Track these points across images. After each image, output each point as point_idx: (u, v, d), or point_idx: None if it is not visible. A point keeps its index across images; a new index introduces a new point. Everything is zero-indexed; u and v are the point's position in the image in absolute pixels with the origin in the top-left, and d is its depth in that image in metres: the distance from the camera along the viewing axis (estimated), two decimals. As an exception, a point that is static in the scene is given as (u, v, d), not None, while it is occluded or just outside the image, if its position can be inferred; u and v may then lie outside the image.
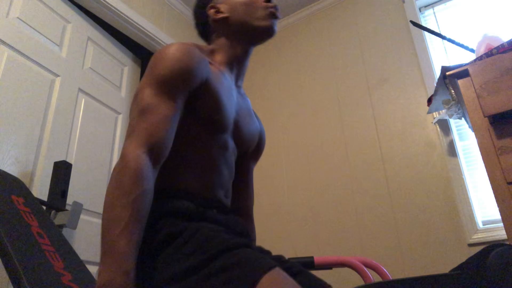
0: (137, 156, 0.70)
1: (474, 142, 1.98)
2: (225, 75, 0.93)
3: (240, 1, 0.96)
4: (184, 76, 0.79)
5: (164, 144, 0.74)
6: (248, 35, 0.96)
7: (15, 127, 1.62)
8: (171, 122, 0.77)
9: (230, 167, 0.92)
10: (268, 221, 2.43)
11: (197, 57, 0.83)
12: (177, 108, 0.79)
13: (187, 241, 0.70)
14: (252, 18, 0.95)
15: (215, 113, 0.84)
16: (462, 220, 1.85)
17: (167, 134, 0.75)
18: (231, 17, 0.96)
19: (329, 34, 2.71)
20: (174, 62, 0.79)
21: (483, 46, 1.46)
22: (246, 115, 0.99)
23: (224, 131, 0.88)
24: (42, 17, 1.87)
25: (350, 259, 1.33)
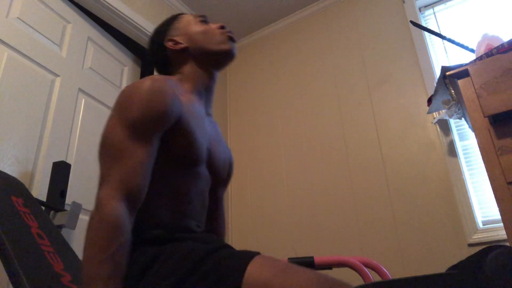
0: (113, 207, 0.68)
1: (474, 142, 1.98)
2: (195, 104, 0.92)
3: (196, 30, 0.99)
4: (157, 118, 0.77)
5: (140, 190, 0.73)
6: (210, 60, 0.98)
7: (15, 127, 1.62)
8: (147, 167, 0.75)
9: (203, 197, 0.91)
10: (268, 221, 2.43)
11: (170, 96, 0.81)
12: (152, 152, 0.77)
13: (166, 262, 0.69)
14: (211, 43, 0.98)
15: (188, 149, 0.84)
16: (462, 220, 1.85)
17: (143, 180, 0.74)
18: (190, 47, 0.98)
19: (329, 34, 2.70)
20: (146, 104, 0.77)
21: (483, 46, 1.46)
22: (218, 143, 1.00)
23: (198, 164, 0.87)
24: (42, 17, 1.87)
25: (350, 259, 1.33)
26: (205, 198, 0.93)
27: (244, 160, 2.74)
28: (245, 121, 2.88)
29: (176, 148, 0.82)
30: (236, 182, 2.71)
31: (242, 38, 3.17)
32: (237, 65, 3.13)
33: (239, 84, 3.04)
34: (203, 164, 0.90)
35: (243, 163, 2.74)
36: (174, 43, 0.99)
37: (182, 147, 0.83)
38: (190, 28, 1.00)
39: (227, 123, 2.95)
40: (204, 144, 0.89)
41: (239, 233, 2.52)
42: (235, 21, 2.98)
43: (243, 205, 2.59)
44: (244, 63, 3.10)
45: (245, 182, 2.67)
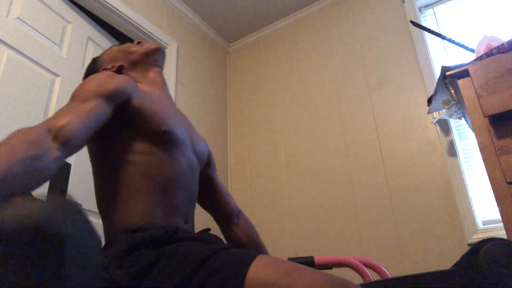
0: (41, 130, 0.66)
1: (474, 142, 1.98)
2: (159, 94, 0.98)
3: (122, 49, 1.09)
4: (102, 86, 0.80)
5: (72, 124, 0.70)
6: (147, 58, 1.08)
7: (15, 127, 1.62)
8: (85, 112, 0.74)
9: (189, 188, 0.91)
10: (268, 221, 2.43)
11: (122, 77, 0.86)
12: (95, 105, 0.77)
13: (167, 264, 0.68)
14: (140, 49, 1.09)
15: (160, 125, 0.86)
16: (462, 220, 1.85)
17: (78, 119, 0.72)
18: (125, 63, 1.07)
19: (329, 34, 2.70)
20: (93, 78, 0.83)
21: (483, 46, 1.46)
22: (194, 130, 1.05)
23: (178, 143, 0.88)
24: (42, 17, 1.87)
25: (350, 259, 1.33)
26: (192, 188, 0.93)
27: (244, 160, 2.74)
28: (245, 121, 2.88)
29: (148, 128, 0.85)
30: (236, 182, 2.72)
31: (242, 38, 3.17)
32: (237, 65, 3.13)
33: (239, 84, 3.04)
34: (185, 146, 0.92)
35: (243, 163, 2.74)
36: (108, 69, 1.06)
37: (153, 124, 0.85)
38: (114, 53, 1.09)
39: (227, 123, 2.95)
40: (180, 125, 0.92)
41: (239, 233, 2.52)
42: (235, 21, 2.98)
43: (243, 205, 2.59)
44: (244, 63, 3.10)
45: (245, 182, 2.67)
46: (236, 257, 0.66)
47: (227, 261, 0.65)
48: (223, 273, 0.63)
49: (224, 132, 2.88)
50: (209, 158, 1.11)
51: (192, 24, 2.86)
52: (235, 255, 0.67)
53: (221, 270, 0.64)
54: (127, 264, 0.70)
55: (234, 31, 3.09)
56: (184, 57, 2.67)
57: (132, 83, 0.88)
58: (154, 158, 0.84)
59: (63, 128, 0.68)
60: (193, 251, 0.69)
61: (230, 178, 2.75)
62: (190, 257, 0.67)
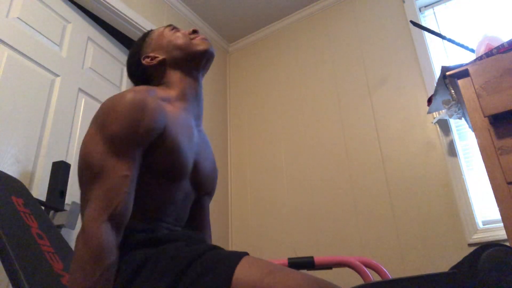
0: (98, 228, 0.66)
1: (474, 142, 1.98)
2: (183, 114, 0.90)
3: (170, 39, 1.00)
4: (139, 133, 0.75)
5: (126, 207, 0.71)
6: (190, 63, 0.98)
7: (15, 127, 1.62)
8: (130, 182, 0.72)
9: (178, 214, 0.89)
10: (268, 221, 2.43)
11: (152, 109, 0.78)
12: (134, 167, 0.74)
13: (153, 268, 0.68)
14: (187, 48, 0.98)
15: (173, 164, 0.81)
16: (462, 220, 1.85)
17: (128, 197, 0.71)
18: (167, 57, 0.99)
19: (329, 34, 2.70)
20: (127, 118, 0.74)
21: (483, 46, 1.46)
22: (205, 155, 0.97)
23: (181, 178, 0.85)
24: (42, 17, 1.87)
25: (350, 259, 1.33)
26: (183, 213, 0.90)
27: (244, 160, 2.74)
28: (245, 121, 2.88)
29: (160, 164, 0.80)
30: (236, 182, 2.71)
31: (242, 38, 3.17)
32: (237, 65, 3.13)
33: (239, 84, 3.04)
34: (185, 179, 0.88)
35: (243, 163, 2.74)
36: (150, 58, 0.99)
37: (167, 161, 0.80)
38: (163, 40, 1.01)
39: (227, 124, 2.95)
40: (190, 157, 0.87)
41: (239, 233, 2.52)
42: (235, 21, 2.98)
43: (243, 205, 2.59)
44: (244, 63, 3.10)
45: (245, 182, 2.67)
46: (223, 258, 0.67)
47: (213, 263, 0.66)
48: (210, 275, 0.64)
49: (224, 132, 2.88)
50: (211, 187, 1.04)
51: (192, 24, 2.86)
52: (221, 256, 0.67)
53: (208, 272, 0.64)
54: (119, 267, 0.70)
55: (234, 31, 3.09)
56: (184, 57, 2.66)
57: (163, 115, 0.81)
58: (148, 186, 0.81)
59: (122, 218, 0.71)
60: (177, 254, 0.69)
61: (230, 178, 2.75)
62: (175, 261, 0.68)
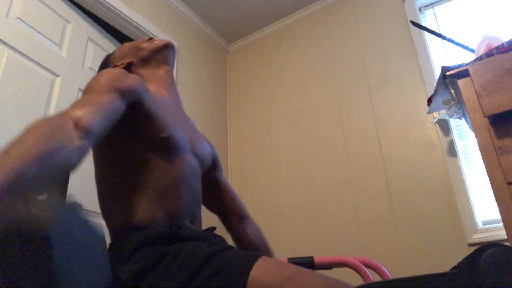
0: (56, 116, 0.64)
1: (474, 142, 1.98)
2: (165, 98, 0.98)
3: (132, 45, 1.08)
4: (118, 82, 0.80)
5: (92, 115, 0.69)
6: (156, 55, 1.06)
7: (15, 127, 1.62)
8: (103, 104, 0.74)
9: (194, 190, 0.91)
10: (268, 221, 2.43)
11: (133, 76, 0.86)
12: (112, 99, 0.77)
13: (171, 264, 0.68)
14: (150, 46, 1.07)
15: (161, 131, 0.85)
16: (462, 220, 1.85)
17: (97, 111, 0.71)
18: (134, 60, 1.06)
19: (329, 34, 2.70)
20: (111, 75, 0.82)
21: (483, 46, 1.46)
22: (196, 135, 1.03)
23: (178, 148, 0.88)
24: (42, 17, 1.87)
25: (350, 259, 1.33)
26: (197, 190, 0.92)
27: (244, 160, 2.74)
28: (245, 121, 2.88)
29: (149, 133, 0.84)
30: (236, 182, 2.72)
31: (242, 38, 3.17)
32: (237, 65, 3.13)
33: (239, 83, 3.04)
34: (185, 150, 0.91)
35: (243, 163, 2.74)
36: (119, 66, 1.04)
37: (155, 130, 0.85)
38: (124, 49, 1.08)
39: (227, 124, 2.95)
40: (181, 130, 0.91)
41: (239, 233, 2.52)
42: (235, 21, 2.98)
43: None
44: (244, 63, 3.10)
45: (245, 182, 2.67)
46: (238, 258, 0.66)
47: (229, 262, 0.65)
48: (225, 274, 0.63)
49: (224, 132, 2.88)
50: (214, 161, 1.11)
51: (192, 24, 2.86)
52: (237, 256, 0.67)
53: (223, 271, 0.64)
54: (131, 261, 0.71)
55: (234, 31, 3.09)
56: (184, 57, 2.67)
57: (143, 84, 0.88)
58: (154, 163, 0.84)
59: (83, 117, 0.68)
60: (196, 252, 0.69)
61: (230, 178, 2.75)
62: (192, 258, 0.67)
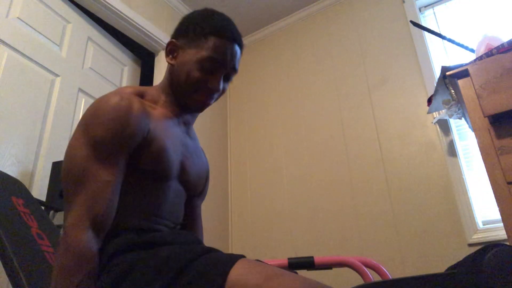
0: (79, 235, 0.66)
1: (474, 142, 1.98)
2: (168, 118, 0.87)
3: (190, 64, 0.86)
4: (123, 138, 0.74)
5: (107, 214, 0.70)
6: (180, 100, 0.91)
7: (15, 127, 1.62)
8: (113, 188, 0.72)
9: (174, 212, 0.87)
10: (268, 221, 2.43)
11: (136, 114, 0.77)
12: (118, 173, 0.73)
13: (145, 270, 0.67)
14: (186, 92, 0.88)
15: (158, 164, 0.80)
16: (462, 220, 1.85)
17: (110, 203, 0.71)
18: (175, 70, 0.89)
19: (329, 34, 2.70)
20: (112, 123, 0.73)
21: (483, 46, 1.46)
22: (192, 156, 0.94)
23: (168, 179, 0.84)
24: (42, 17, 1.87)
25: (350, 259, 1.33)
26: (178, 213, 0.89)
27: (244, 160, 2.74)
28: (245, 121, 2.88)
29: (144, 164, 0.78)
30: (236, 182, 2.71)
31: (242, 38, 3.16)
32: (237, 65, 3.13)
33: (239, 83, 3.04)
34: (174, 179, 0.86)
35: (243, 163, 2.74)
36: (170, 49, 0.91)
37: (150, 163, 0.79)
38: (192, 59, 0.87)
39: (227, 124, 2.95)
40: (175, 159, 0.85)
41: (239, 233, 2.52)
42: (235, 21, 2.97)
43: (243, 205, 2.59)
44: (243, 63, 3.10)
45: (245, 182, 2.67)
46: (216, 261, 0.66)
47: (207, 266, 0.65)
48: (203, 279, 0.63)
49: (224, 132, 2.88)
50: (202, 190, 1.03)
51: (192, 24, 2.85)
52: (214, 260, 0.66)
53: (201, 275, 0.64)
54: (105, 271, 0.70)
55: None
56: (184, 57, 2.66)
57: (146, 120, 0.79)
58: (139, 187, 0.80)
59: (103, 224, 0.70)
60: (170, 258, 0.68)
61: (230, 178, 2.75)
62: (169, 263, 0.67)
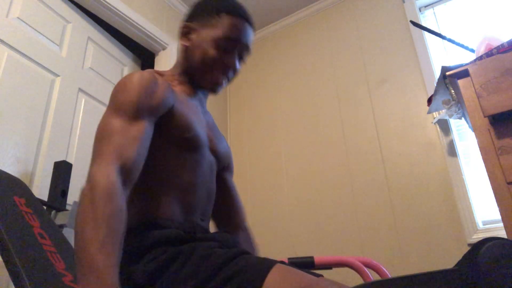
0: (107, 174, 0.66)
1: (474, 142, 1.98)
2: (189, 97, 0.93)
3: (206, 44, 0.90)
4: (149, 99, 0.78)
5: (134, 163, 0.71)
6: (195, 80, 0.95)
7: (15, 127, 1.62)
8: (141, 142, 0.73)
9: (209, 186, 0.90)
10: (268, 221, 2.44)
11: (161, 84, 0.83)
12: (145, 130, 0.75)
13: (184, 265, 0.68)
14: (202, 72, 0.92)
15: (186, 131, 0.84)
16: (462, 220, 1.86)
17: (137, 155, 0.71)
18: (190, 51, 0.93)
19: (329, 34, 2.71)
20: (138, 88, 0.77)
21: (483, 46, 1.47)
22: (216, 133, 1.00)
23: (200, 146, 0.87)
24: (42, 17, 1.87)
25: (350, 259, 1.33)
26: (211, 188, 0.92)
27: (244, 160, 2.74)
28: (245, 121, 2.88)
29: (174, 132, 0.83)
30: (236, 182, 2.70)
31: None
32: (237, 65, 3.13)
33: (239, 83, 3.04)
34: (205, 147, 0.90)
35: (243, 163, 2.74)
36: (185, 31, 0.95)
37: (180, 129, 0.83)
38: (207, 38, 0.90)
39: (227, 123, 2.95)
40: (202, 128, 0.90)
41: (239, 233, 2.52)
42: (235, 21, 2.97)
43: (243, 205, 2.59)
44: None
45: (245, 182, 2.67)
46: (254, 264, 0.66)
47: (244, 268, 0.65)
48: (240, 280, 0.63)
49: (224, 132, 2.88)
50: (229, 162, 1.08)
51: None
52: (253, 262, 0.66)
53: (238, 276, 0.63)
54: (144, 260, 0.70)
55: (234, 31, 3.08)
56: (184, 57, 2.66)
57: (170, 91, 0.85)
58: (176, 160, 0.83)
59: (131, 171, 0.70)
60: (210, 255, 0.68)
61: (230, 178, 2.75)
62: (207, 261, 0.67)
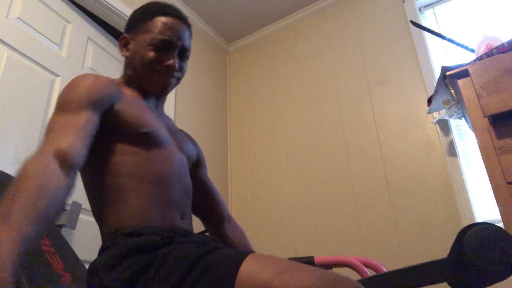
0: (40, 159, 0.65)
1: (474, 142, 1.97)
2: (140, 100, 0.93)
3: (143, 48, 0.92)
4: (91, 93, 0.79)
5: (72, 145, 0.70)
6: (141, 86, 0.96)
7: (15, 127, 1.62)
8: (80, 127, 0.73)
9: (184, 181, 0.89)
10: (268, 221, 2.43)
11: (105, 81, 0.83)
12: (87, 118, 0.75)
13: (161, 267, 0.68)
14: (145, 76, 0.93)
15: (140, 127, 0.84)
16: (462, 220, 1.85)
17: (75, 137, 0.71)
18: (130, 59, 0.95)
19: (329, 34, 2.70)
20: (79, 85, 0.79)
21: (483, 46, 1.46)
22: (177, 132, 1.01)
23: (163, 142, 0.87)
24: (42, 17, 1.87)
25: (350, 259, 1.33)
26: (187, 183, 0.91)
27: (244, 160, 2.74)
28: (245, 121, 2.88)
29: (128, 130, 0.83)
30: (236, 182, 2.71)
31: (242, 38, 3.17)
32: (237, 65, 3.13)
33: (239, 83, 3.04)
34: (170, 144, 0.90)
35: (243, 163, 2.74)
36: (123, 43, 0.98)
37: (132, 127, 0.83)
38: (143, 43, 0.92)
39: (227, 123, 2.95)
40: (160, 128, 0.89)
41: (239, 233, 2.52)
42: (235, 21, 2.98)
43: (243, 205, 2.59)
44: (244, 63, 3.10)
45: (245, 182, 2.67)
46: (227, 256, 0.66)
47: (218, 262, 0.65)
48: (213, 274, 0.63)
49: (224, 132, 2.88)
50: (199, 158, 1.08)
51: (192, 24, 2.84)
52: (225, 254, 0.67)
53: (211, 271, 0.63)
54: (120, 268, 0.69)
55: (234, 31, 3.09)
56: (184, 57, 2.66)
57: (114, 88, 0.86)
58: (140, 158, 0.83)
59: (67, 153, 0.69)
60: (185, 254, 0.68)
61: (230, 178, 2.75)
62: (182, 260, 0.67)
